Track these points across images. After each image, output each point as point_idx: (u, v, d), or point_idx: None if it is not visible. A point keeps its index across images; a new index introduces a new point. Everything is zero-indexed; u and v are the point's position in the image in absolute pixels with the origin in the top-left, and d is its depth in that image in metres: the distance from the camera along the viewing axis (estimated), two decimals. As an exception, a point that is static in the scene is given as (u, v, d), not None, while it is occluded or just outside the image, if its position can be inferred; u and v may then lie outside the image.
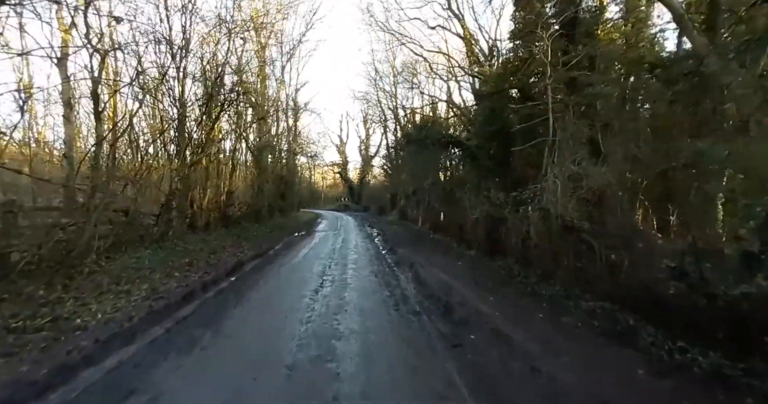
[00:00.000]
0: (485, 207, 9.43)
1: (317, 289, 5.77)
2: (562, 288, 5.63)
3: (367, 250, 10.74)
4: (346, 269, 7.61)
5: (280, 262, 8.46)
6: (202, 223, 11.92)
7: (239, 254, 9.00)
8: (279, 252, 10.16)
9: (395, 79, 27.26)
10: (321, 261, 8.58)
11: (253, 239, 12.18)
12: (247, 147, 15.96)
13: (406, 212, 25.29)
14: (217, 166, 13.60)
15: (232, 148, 14.00)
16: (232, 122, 13.48)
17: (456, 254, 9.60)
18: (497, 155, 14.01)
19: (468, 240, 10.49)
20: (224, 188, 13.49)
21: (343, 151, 50.93)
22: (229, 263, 7.69)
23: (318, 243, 12.34)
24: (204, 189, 12.16)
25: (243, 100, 12.45)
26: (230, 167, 14.19)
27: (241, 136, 13.50)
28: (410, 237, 14.49)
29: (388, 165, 34.70)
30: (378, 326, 4.24)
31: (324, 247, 11.18)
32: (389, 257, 9.45)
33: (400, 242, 12.55)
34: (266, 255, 9.36)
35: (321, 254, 9.73)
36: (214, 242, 10.32)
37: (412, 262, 8.08)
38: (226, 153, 13.48)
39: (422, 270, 7.32)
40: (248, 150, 15.99)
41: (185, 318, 4.26)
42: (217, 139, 11.50)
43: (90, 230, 5.93)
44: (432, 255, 9.39)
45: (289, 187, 25.68)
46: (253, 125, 16.04)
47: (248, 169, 17.27)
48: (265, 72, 16.55)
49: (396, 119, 29.88)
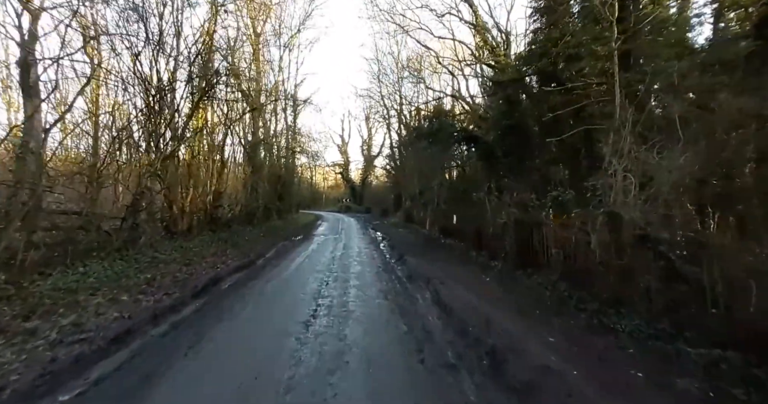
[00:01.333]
0: (511, 209, 7.92)
1: (308, 322, 4.26)
2: (643, 321, 4.10)
3: (372, 259, 9.23)
4: (347, 287, 6.10)
5: (267, 276, 6.95)
6: (183, 227, 10.43)
7: (220, 265, 7.50)
8: (269, 261, 8.66)
9: (399, 74, 25.83)
10: (317, 275, 7.08)
11: (242, 245, 10.68)
12: (239, 142, 14.48)
13: (412, 214, 23.77)
14: (205, 163, 12.13)
15: (221, 143, 12.52)
16: (221, 113, 12.02)
17: (478, 265, 8.07)
18: (514, 151, 12.55)
19: (490, 248, 8.95)
20: (211, 187, 12.00)
21: (345, 151, 49.58)
22: (203, 279, 6.19)
23: (316, 250, 10.84)
24: (186, 188, 10.68)
25: (233, 87, 10.99)
26: (219, 164, 12.70)
27: (230, 128, 12.03)
28: (419, 243, 12.97)
29: (392, 164, 33.21)
30: (398, 393, 2.73)
31: (322, 255, 9.68)
32: (399, 269, 7.94)
33: (409, 249, 11.04)
34: (253, 267, 7.85)
35: (318, 265, 8.23)
36: (194, 250, 8.82)
37: (429, 277, 6.57)
38: (213, 148, 11.98)
39: (443, 288, 5.80)
40: (241, 146, 14.51)
41: (96, 384, 2.75)
42: (198, 130, 10.02)
43: (7, 238, 4.46)
44: (449, 267, 7.86)
45: (287, 187, 24.21)
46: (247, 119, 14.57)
47: (241, 167, 15.79)
48: (260, 60, 15.11)
49: (399, 117, 28.43)
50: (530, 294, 5.54)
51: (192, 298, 5.17)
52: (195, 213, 10.94)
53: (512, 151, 12.59)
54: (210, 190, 11.95)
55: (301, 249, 11.14)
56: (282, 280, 6.64)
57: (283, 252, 10.18)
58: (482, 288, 6.00)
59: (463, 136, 11.26)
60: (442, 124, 11.32)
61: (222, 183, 12.85)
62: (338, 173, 52.35)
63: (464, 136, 11.28)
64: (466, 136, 11.29)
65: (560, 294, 5.40)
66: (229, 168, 13.95)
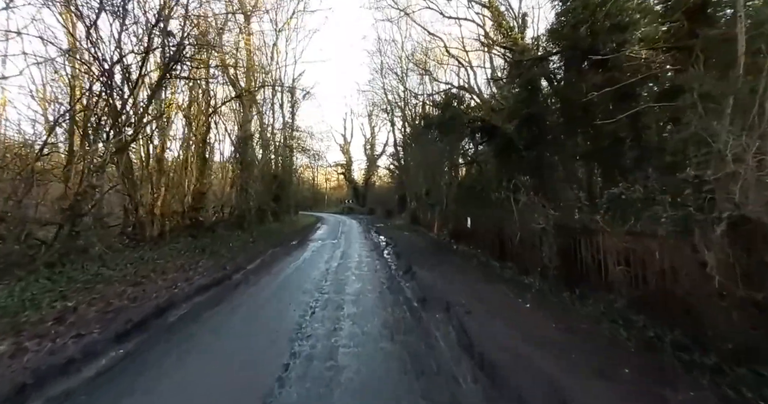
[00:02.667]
0: (550, 212, 6.29)
1: (270, 396, 2.65)
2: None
3: (374, 273, 7.62)
4: (339, 319, 4.50)
5: (236, 301, 5.36)
6: (153, 233, 8.89)
7: (181, 283, 5.93)
8: (248, 276, 7.08)
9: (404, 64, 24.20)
10: (304, 297, 5.48)
11: (222, 254, 9.12)
12: (228, 136, 12.94)
13: (418, 216, 22.13)
14: (182, 159, 10.60)
15: (202, 136, 10.97)
16: (202, 100, 10.46)
17: (507, 282, 6.42)
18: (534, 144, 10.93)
19: (520, 258, 7.32)
20: (190, 187, 10.45)
21: (347, 151, 48.08)
22: (147, 306, 4.62)
23: (309, 260, 9.25)
24: (157, 188, 9.13)
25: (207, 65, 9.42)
26: (200, 160, 11.16)
27: (212, 118, 10.46)
28: (428, 250, 11.35)
29: (396, 163, 31.65)
30: None
31: (315, 268, 8.08)
32: (408, 286, 6.32)
33: (418, 257, 9.43)
34: (224, 285, 6.27)
35: (307, 281, 6.64)
36: (158, 262, 7.26)
37: (448, 301, 4.96)
38: (189, 142, 10.44)
39: (470, 321, 4.19)
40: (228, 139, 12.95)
41: None
42: (164, 116, 8.43)
43: None
44: (471, 284, 6.24)
45: (284, 187, 22.68)
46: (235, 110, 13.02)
47: (230, 165, 14.25)
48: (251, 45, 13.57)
49: (403, 114, 26.83)
50: (598, 334, 3.90)
51: (113, 343, 3.59)
52: (168, 216, 9.39)
53: (533, 143, 10.98)
54: (188, 189, 10.39)
55: (292, 258, 9.55)
56: (254, 308, 5.04)
57: (269, 263, 8.59)
58: (525, 321, 4.37)
59: (478, 126, 9.63)
60: (454, 112, 9.71)
61: (205, 182, 11.30)
62: (340, 173, 50.88)
63: (480, 126, 9.67)
64: (483, 126, 9.67)
65: (641, 333, 3.76)
66: (212, 165, 12.38)
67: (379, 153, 42.24)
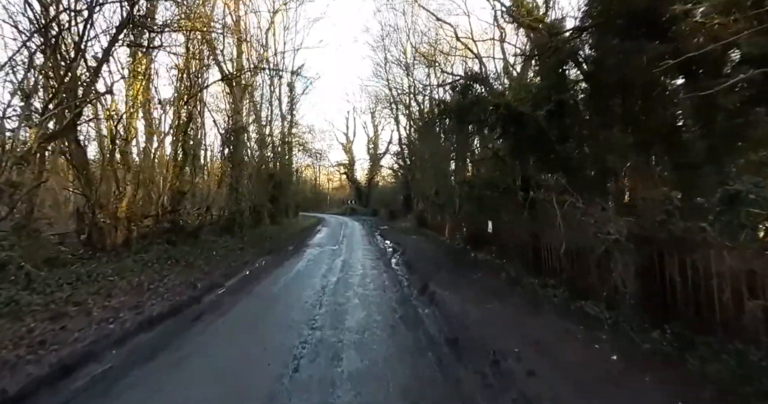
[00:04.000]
0: (621, 218, 4.72)
1: None
2: None
3: (381, 292, 6.05)
4: (336, 381, 2.94)
5: (191, 344, 3.81)
6: (116, 241, 7.39)
7: (126, 313, 4.41)
8: (221, 299, 5.53)
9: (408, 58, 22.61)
10: (287, 337, 3.92)
11: (198, 266, 7.62)
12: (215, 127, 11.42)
13: (425, 218, 20.56)
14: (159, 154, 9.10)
15: (182, 126, 9.46)
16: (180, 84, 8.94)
17: (564, 312, 4.81)
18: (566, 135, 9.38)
19: (568, 275, 5.74)
20: (166, 185, 8.95)
21: (350, 150, 46.62)
22: (50, 360, 3.09)
23: (303, 272, 7.72)
24: (124, 185, 7.64)
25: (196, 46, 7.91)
26: (180, 155, 9.66)
27: (190, 103, 8.91)
28: (443, 259, 9.79)
29: (401, 162, 30.11)
30: None
31: (309, 284, 6.53)
32: (429, 316, 4.75)
33: (433, 269, 7.90)
34: (184, 314, 4.72)
35: (295, 308, 5.08)
36: (110, 279, 5.74)
37: (494, 349, 3.40)
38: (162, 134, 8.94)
39: (541, 392, 2.63)
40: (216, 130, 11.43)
41: None
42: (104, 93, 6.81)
43: None
44: (518, 315, 4.67)
45: (282, 187, 21.19)
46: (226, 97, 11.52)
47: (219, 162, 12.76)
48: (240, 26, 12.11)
49: (408, 109, 25.24)
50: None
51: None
52: (137, 220, 7.89)
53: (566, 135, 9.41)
54: (164, 188, 8.89)
55: (284, 269, 8.02)
56: (212, 360, 3.47)
57: (255, 278, 7.05)
58: (632, 395, 2.79)
59: (505, 114, 8.05)
60: (475, 96, 8.12)
61: (184, 180, 9.79)
62: (343, 173, 49.42)
63: (507, 113, 8.08)
64: (510, 114, 8.08)
65: None
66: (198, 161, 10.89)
67: (383, 152, 40.75)
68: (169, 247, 9.00)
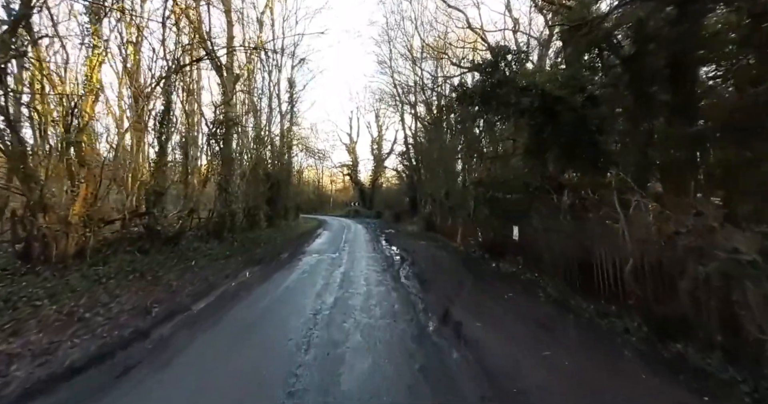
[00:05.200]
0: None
1: None
2: None
3: (390, 321, 4.60)
4: None
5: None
6: (68, 250, 6.04)
7: (21, 364, 3.02)
8: (174, 335, 4.11)
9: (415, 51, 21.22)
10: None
11: (168, 282, 6.25)
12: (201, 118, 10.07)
13: (434, 221, 19.10)
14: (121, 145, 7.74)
15: (158, 115, 8.12)
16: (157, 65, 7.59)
17: (649, 360, 3.36)
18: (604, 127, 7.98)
19: (641, 302, 4.29)
20: (135, 183, 7.59)
21: (353, 150, 45.35)
22: None
23: (294, 289, 6.31)
24: (77, 183, 6.29)
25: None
26: (156, 148, 8.30)
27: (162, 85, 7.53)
28: (462, 271, 8.36)
29: (407, 162, 28.72)
30: None
31: (297, 310, 5.10)
32: (460, 364, 3.30)
33: (453, 287, 6.49)
34: (110, 363, 3.30)
35: (275, 348, 3.67)
36: (35, 303, 4.37)
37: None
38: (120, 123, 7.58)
39: None
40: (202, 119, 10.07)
41: None
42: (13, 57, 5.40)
43: None
44: (592, 371, 3.22)
45: (280, 188, 19.84)
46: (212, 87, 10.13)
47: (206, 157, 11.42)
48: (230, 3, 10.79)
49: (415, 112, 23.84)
50: None
51: None
52: (94, 225, 6.53)
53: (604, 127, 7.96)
54: (133, 187, 7.53)
55: (271, 285, 6.62)
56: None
57: (230, 299, 5.64)
58: None
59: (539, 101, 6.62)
60: (508, 77, 6.62)
61: (161, 178, 8.43)
62: (346, 174, 48.10)
63: (541, 98, 6.66)
64: (544, 100, 6.65)
65: None
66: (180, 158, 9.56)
67: (388, 152, 39.40)
68: (140, 257, 7.65)
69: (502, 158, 10.08)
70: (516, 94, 6.44)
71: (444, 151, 16.99)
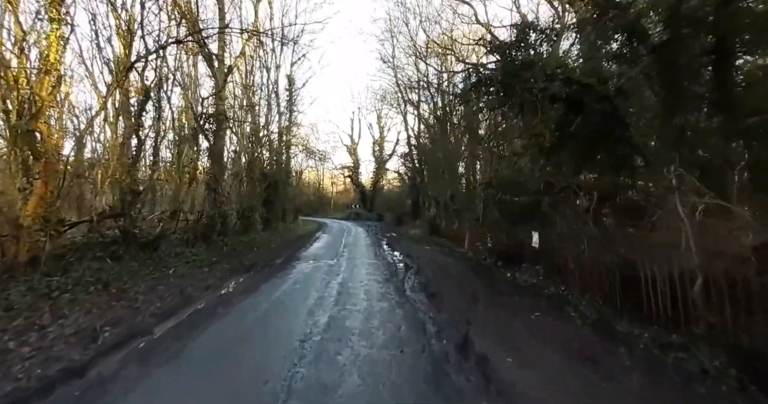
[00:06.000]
0: None
1: None
2: None
3: (396, 352, 3.66)
4: None
5: None
6: (19, 258, 5.15)
7: None
8: (117, 375, 3.19)
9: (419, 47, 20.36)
10: None
11: (136, 294, 5.35)
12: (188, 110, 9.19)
13: (438, 225, 18.16)
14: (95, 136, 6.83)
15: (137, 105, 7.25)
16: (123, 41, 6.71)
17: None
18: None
19: (717, 330, 3.37)
20: (105, 181, 6.70)
21: (355, 152, 44.48)
22: None
23: (283, 303, 5.41)
24: (32, 180, 5.40)
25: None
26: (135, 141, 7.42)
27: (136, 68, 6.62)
28: (474, 283, 7.42)
29: (409, 164, 27.85)
30: None
31: (281, 332, 4.19)
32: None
33: (467, 303, 5.58)
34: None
35: (246, 393, 2.77)
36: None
37: None
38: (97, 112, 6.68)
39: None
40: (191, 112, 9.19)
41: None
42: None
43: None
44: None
45: (278, 189, 18.95)
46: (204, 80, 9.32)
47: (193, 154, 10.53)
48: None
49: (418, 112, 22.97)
50: None
51: None
52: (52, 228, 5.63)
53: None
54: (102, 185, 6.64)
55: (257, 298, 5.70)
56: None
57: (205, 318, 4.72)
58: None
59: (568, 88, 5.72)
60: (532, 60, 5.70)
61: (137, 175, 7.54)
62: (347, 176, 47.21)
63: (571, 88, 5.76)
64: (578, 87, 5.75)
65: None
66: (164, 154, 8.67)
67: (389, 153, 38.57)
68: (111, 264, 6.75)
69: (517, 156, 9.19)
70: (542, 77, 5.53)
71: (449, 152, 16.08)
